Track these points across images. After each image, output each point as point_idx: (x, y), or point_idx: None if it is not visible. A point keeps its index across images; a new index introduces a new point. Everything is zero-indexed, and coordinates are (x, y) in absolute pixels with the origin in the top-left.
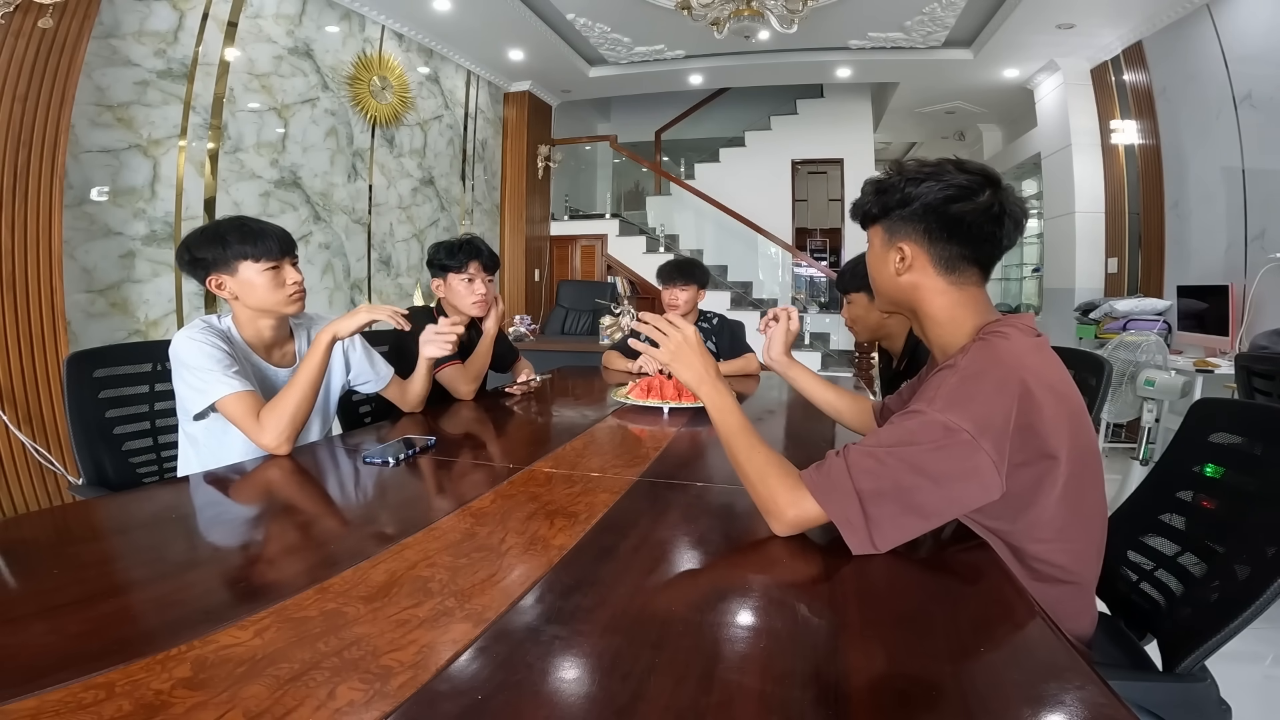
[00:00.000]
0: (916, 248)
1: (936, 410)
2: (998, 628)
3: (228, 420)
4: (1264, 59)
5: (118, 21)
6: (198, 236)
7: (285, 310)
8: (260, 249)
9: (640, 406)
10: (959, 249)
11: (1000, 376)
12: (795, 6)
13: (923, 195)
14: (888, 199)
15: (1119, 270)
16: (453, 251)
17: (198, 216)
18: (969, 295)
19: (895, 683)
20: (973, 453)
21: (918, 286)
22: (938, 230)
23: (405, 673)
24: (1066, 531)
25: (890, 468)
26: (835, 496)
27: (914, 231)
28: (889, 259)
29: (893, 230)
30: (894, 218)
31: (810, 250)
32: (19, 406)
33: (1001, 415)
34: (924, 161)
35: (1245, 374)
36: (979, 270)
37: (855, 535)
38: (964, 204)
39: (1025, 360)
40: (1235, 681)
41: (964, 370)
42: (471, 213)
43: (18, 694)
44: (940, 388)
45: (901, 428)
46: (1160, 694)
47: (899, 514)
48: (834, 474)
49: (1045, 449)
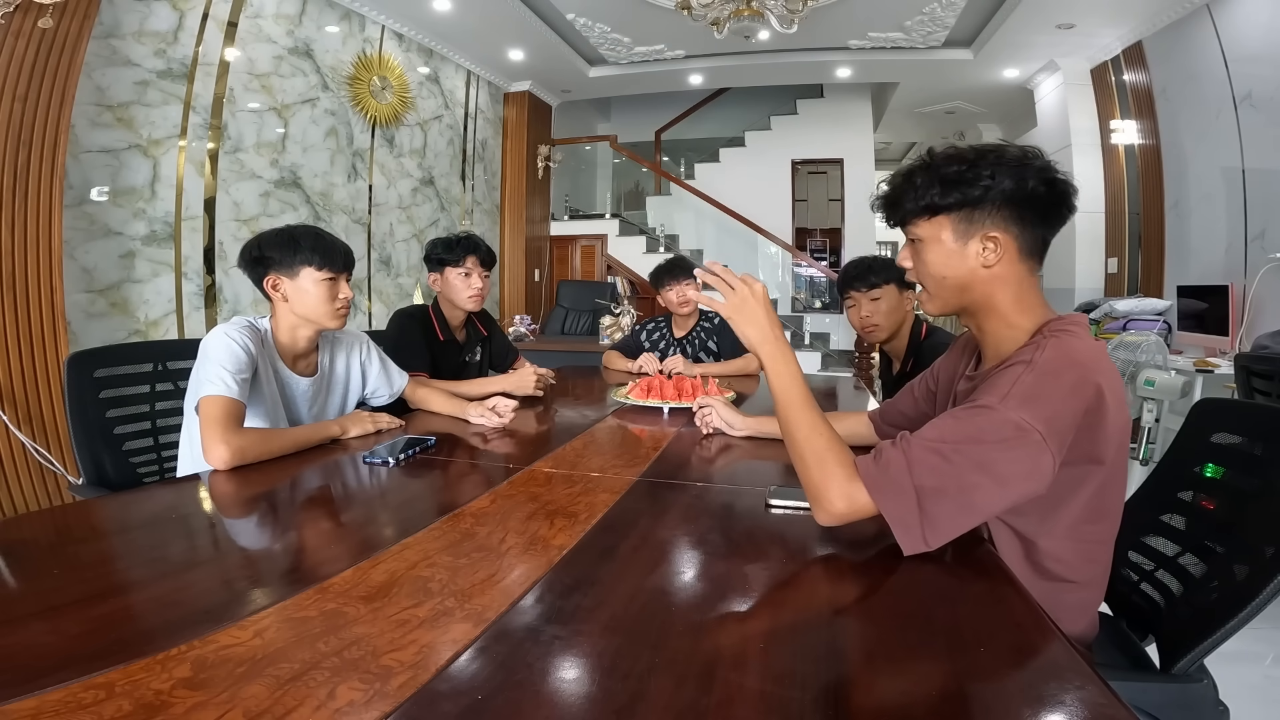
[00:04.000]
0: (1009, 236)
1: (1010, 408)
2: (998, 627)
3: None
4: (1264, 59)
5: (118, 21)
6: (271, 236)
7: (329, 324)
8: (326, 259)
9: (640, 406)
10: (1044, 233)
11: (1078, 377)
12: (795, 6)
13: (1014, 180)
14: (968, 189)
15: (1119, 270)
16: (450, 246)
17: (198, 216)
18: (1036, 284)
19: (895, 683)
20: (1040, 453)
21: (1000, 278)
22: (1032, 216)
23: (405, 673)
24: (1080, 531)
25: (955, 465)
26: (891, 492)
27: (1005, 219)
28: (969, 252)
29: (973, 220)
30: (977, 205)
31: (810, 250)
32: (19, 406)
33: (1070, 416)
34: (984, 147)
35: (1245, 374)
36: (1041, 257)
37: (908, 534)
38: (1054, 190)
39: (1101, 364)
40: (1235, 682)
41: (1041, 367)
42: (471, 213)
43: (18, 694)
44: (1015, 383)
45: (969, 423)
46: (1156, 694)
47: (956, 513)
48: (892, 468)
49: (1095, 454)
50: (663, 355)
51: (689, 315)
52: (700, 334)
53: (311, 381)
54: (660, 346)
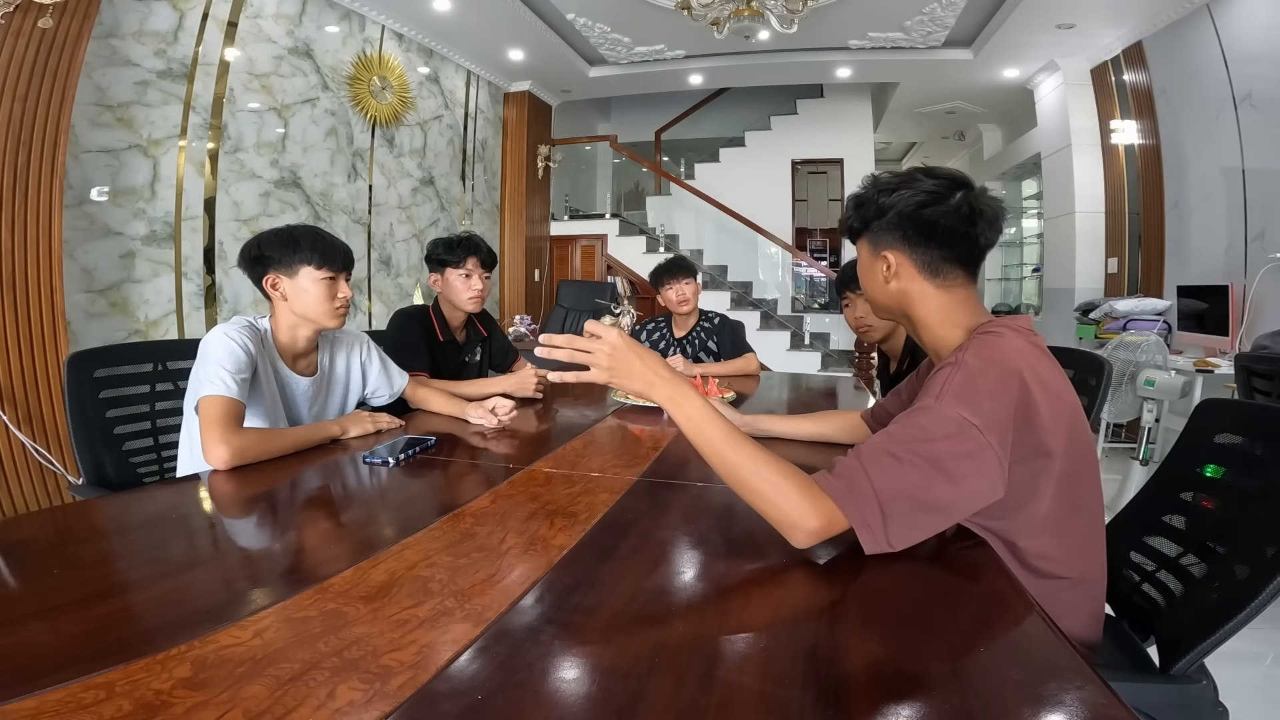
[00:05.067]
0: (900, 255)
1: (946, 405)
2: (997, 627)
3: (198, 417)
4: (1264, 59)
5: (118, 21)
6: (271, 235)
7: (328, 323)
8: (326, 258)
9: (640, 406)
10: (939, 251)
11: (1000, 373)
12: (795, 6)
13: (896, 204)
14: (865, 211)
15: (1119, 270)
16: (452, 247)
17: (198, 216)
18: (957, 297)
19: (895, 682)
20: (983, 448)
21: (906, 293)
22: (915, 235)
23: (405, 673)
24: (1061, 527)
25: (907, 463)
26: (854, 499)
27: (894, 240)
28: (877, 269)
29: (875, 241)
30: (874, 229)
31: (810, 250)
32: (19, 406)
33: (1004, 412)
34: (895, 172)
35: (1245, 374)
36: (963, 271)
37: (871, 534)
38: (935, 208)
39: (1022, 358)
40: (1235, 682)
41: (967, 366)
42: (471, 213)
43: (18, 694)
44: (946, 383)
45: (913, 424)
46: (1154, 695)
47: (915, 511)
48: (850, 476)
49: (1041, 446)
50: (663, 355)
51: (689, 315)
52: (700, 334)
53: (311, 381)
54: (660, 347)
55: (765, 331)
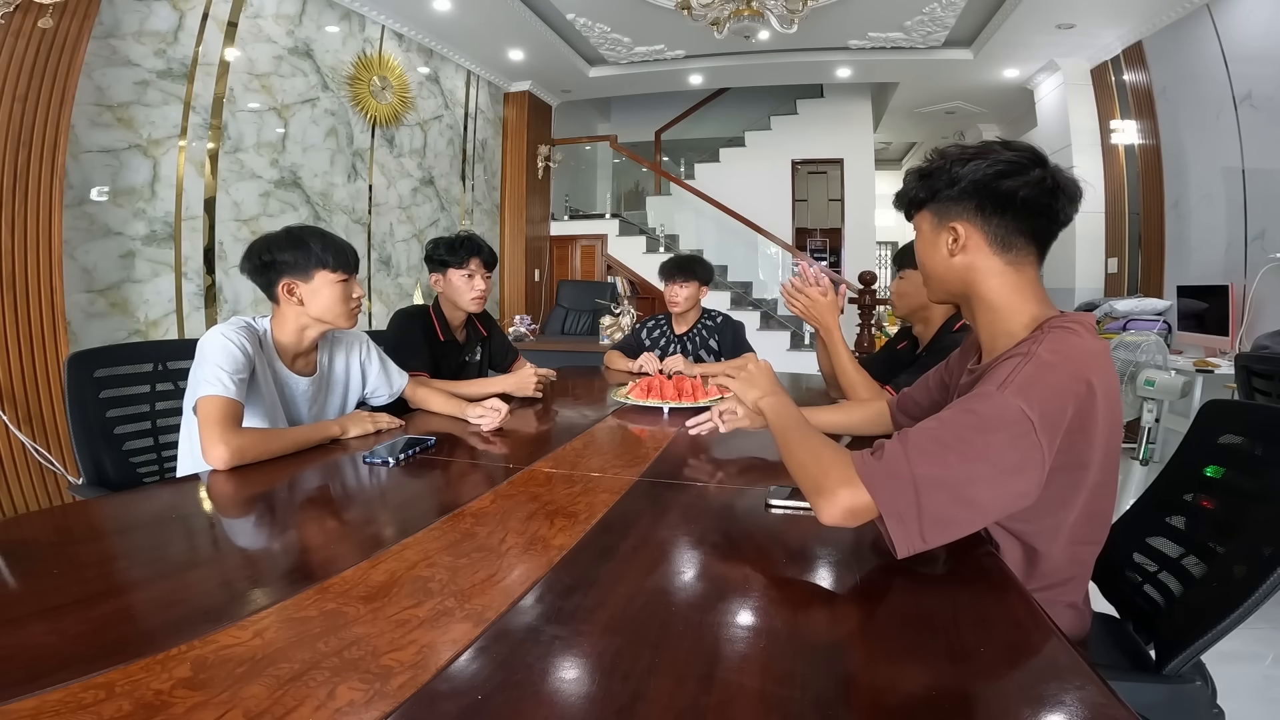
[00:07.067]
0: (969, 226)
1: (1009, 394)
2: (998, 628)
3: (197, 417)
4: (1264, 59)
5: (118, 21)
6: (279, 240)
7: (343, 323)
8: (338, 260)
9: (640, 406)
10: (1014, 223)
11: (1071, 374)
12: (795, 6)
13: (971, 173)
14: (934, 181)
15: (1119, 270)
16: (454, 248)
17: (198, 216)
18: (1026, 277)
19: (895, 683)
20: (1033, 446)
21: (972, 268)
22: (991, 206)
23: (405, 673)
24: (1079, 534)
25: (955, 451)
26: (888, 484)
27: (965, 210)
28: (940, 242)
29: (942, 212)
30: (943, 199)
31: (810, 250)
32: (19, 406)
33: (1061, 413)
34: (968, 144)
35: (1245, 374)
36: (1036, 248)
37: (904, 527)
38: (1016, 178)
39: (1095, 362)
40: (1234, 682)
41: (1039, 359)
42: (471, 213)
43: (18, 694)
44: (1014, 373)
45: (969, 410)
46: (1148, 695)
47: (952, 505)
48: (889, 458)
49: (1084, 457)
50: (664, 352)
51: (689, 312)
52: (701, 331)
53: (311, 381)
54: (661, 344)
55: (765, 331)
